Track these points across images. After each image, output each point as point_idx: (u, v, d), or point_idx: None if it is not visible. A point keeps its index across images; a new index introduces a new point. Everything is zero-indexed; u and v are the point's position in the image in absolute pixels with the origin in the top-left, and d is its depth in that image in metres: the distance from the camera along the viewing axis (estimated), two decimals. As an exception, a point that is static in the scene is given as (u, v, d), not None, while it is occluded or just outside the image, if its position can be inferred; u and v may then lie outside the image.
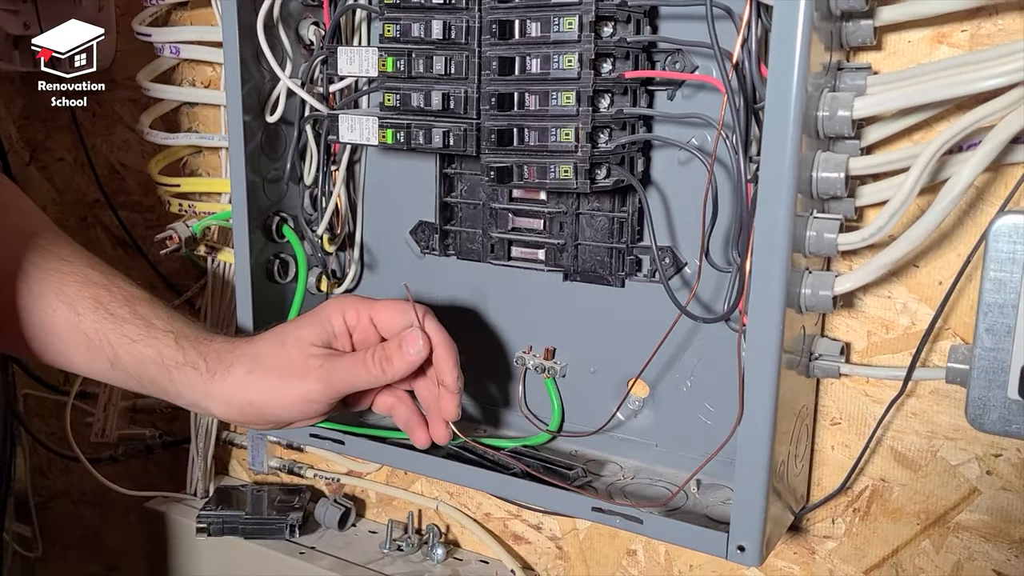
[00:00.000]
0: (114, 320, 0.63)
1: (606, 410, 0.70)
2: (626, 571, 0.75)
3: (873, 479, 0.63)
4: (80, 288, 0.64)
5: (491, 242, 0.72)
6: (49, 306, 0.63)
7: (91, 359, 0.63)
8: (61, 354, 0.64)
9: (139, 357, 0.63)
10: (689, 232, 0.65)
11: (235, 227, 0.75)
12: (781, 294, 0.53)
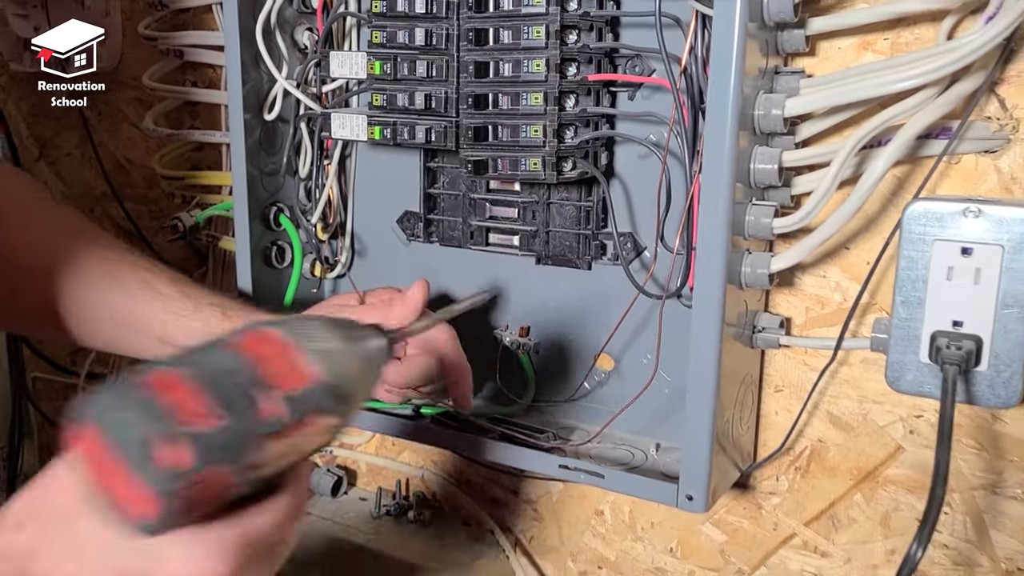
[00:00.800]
0: (163, 299, 0.70)
1: (575, 381, 0.77)
2: (595, 529, 0.82)
3: (812, 440, 0.71)
4: (131, 272, 0.71)
5: (471, 229, 0.79)
6: (106, 290, 0.69)
7: (141, 338, 0.70)
8: (110, 335, 0.71)
9: (188, 330, 0.69)
10: (648, 219, 0.72)
11: (236, 216, 0.82)
12: (722, 272, 0.60)
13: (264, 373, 0.44)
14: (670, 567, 0.79)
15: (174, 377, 0.43)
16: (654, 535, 0.79)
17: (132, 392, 0.42)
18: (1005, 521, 0.65)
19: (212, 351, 0.45)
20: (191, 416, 0.42)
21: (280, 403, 0.44)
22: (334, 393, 0.46)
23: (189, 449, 0.41)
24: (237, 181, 0.81)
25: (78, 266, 0.69)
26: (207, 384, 0.43)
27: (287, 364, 0.45)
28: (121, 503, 0.42)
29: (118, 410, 0.42)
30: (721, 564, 0.77)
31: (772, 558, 0.74)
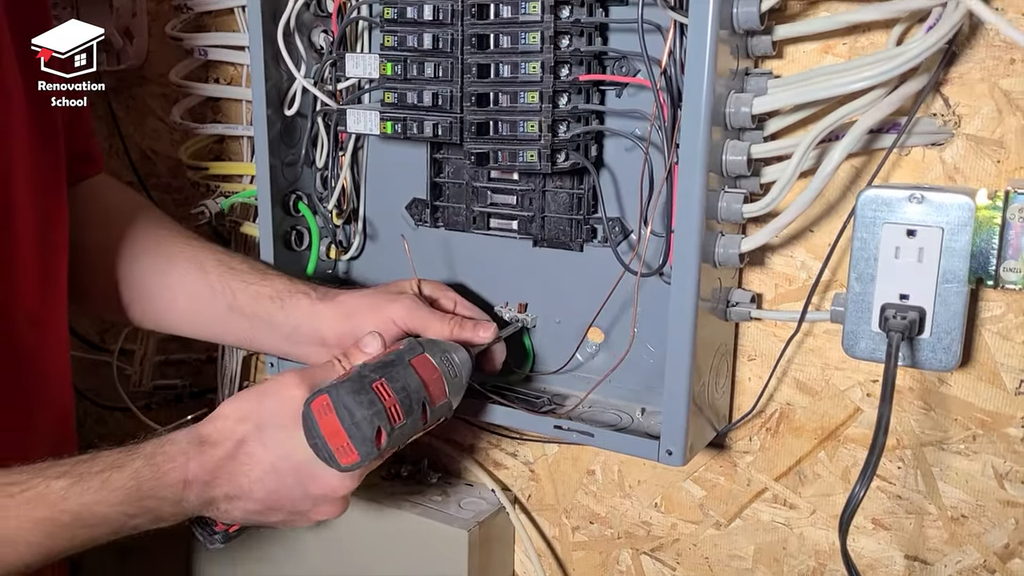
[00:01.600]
0: (235, 272, 0.82)
1: (569, 353, 0.85)
2: (587, 488, 0.91)
3: (781, 404, 0.79)
4: (207, 253, 0.83)
5: (473, 215, 0.87)
6: (187, 270, 0.82)
7: (209, 308, 0.80)
8: (182, 310, 0.82)
9: (256, 295, 0.80)
10: (634, 205, 0.80)
11: (260, 203, 0.89)
12: (696, 251, 0.68)
13: (428, 393, 0.70)
14: (655, 520, 0.87)
15: (387, 388, 0.67)
16: (640, 492, 0.88)
17: (365, 390, 0.66)
18: (951, 473, 0.73)
19: (404, 370, 0.69)
20: (393, 416, 0.67)
21: (430, 413, 0.70)
22: (451, 408, 0.74)
23: (386, 437, 0.66)
24: (260, 171, 0.89)
25: (160, 249, 0.83)
26: (401, 397, 0.68)
27: (438, 388, 0.71)
28: (335, 450, 0.66)
29: (353, 397, 0.66)
30: (700, 517, 0.85)
31: (746, 511, 0.82)
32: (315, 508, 0.71)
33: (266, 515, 0.71)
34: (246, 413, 0.69)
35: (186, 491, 0.67)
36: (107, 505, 0.64)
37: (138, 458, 0.67)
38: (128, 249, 0.83)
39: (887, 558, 0.76)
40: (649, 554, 0.88)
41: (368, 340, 0.74)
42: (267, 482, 0.69)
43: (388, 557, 0.93)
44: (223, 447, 0.68)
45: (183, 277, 0.82)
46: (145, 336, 1.12)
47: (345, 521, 0.93)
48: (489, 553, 0.91)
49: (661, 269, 0.74)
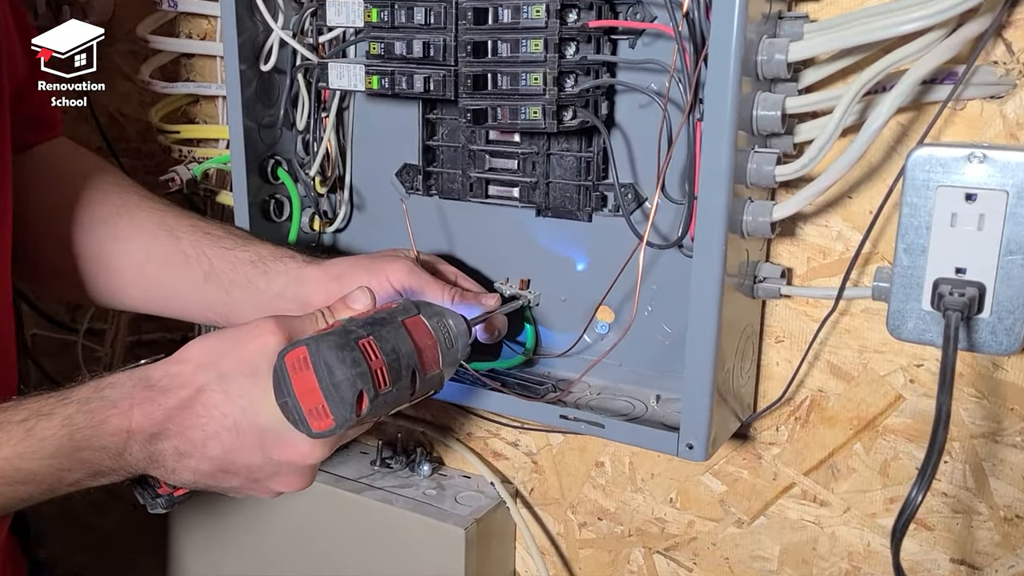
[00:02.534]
0: (211, 237, 0.73)
1: (576, 334, 0.77)
2: (594, 481, 0.83)
3: (812, 390, 0.71)
4: (178, 218, 0.75)
5: (470, 182, 0.78)
6: (151, 234, 0.73)
7: (182, 278, 0.72)
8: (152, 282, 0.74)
9: (235, 261, 0.72)
10: (648, 170, 0.72)
11: (234, 169, 0.81)
12: (723, 220, 0.60)
13: (419, 360, 0.60)
14: (669, 517, 0.80)
15: (375, 347, 0.57)
16: (654, 486, 0.80)
17: (349, 347, 0.56)
18: (1005, 469, 0.65)
19: (396, 330, 0.59)
20: (379, 380, 0.57)
21: (419, 382, 0.60)
22: (443, 381, 0.64)
23: (368, 404, 0.56)
24: (234, 133, 0.80)
25: (129, 215, 0.75)
26: (389, 359, 0.57)
27: (432, 356, 0.61)
28: (307, 412, 0.56)
29: (335, 353, 0.55)
30: (720, 514, 0.77)
31: (771, 507, 0.75)
32: (275, 477, 0.61)
33: (218, 479, 0.61)
34: (210, 359, 0.59)
35: (128, 442, 0.58)
36: (34, 459, 0.55)
37: (70, 403, 0.57)
38: (85, 214, 0.74)
39: (930, 561, 0.69)
40: (663, 553, 0.81)
41: (357, 295, 0.66)
42: (224, 439, 0.59)
43: (377, 556, 0.86)
44: (176, 395, 0.58)
45: (151, 243, 0.73)
46: (116, 315, 1.04)
47: (330, 517, 0.86)
48: (488, 552, 0.84)
49: (681, 240, 0.66)
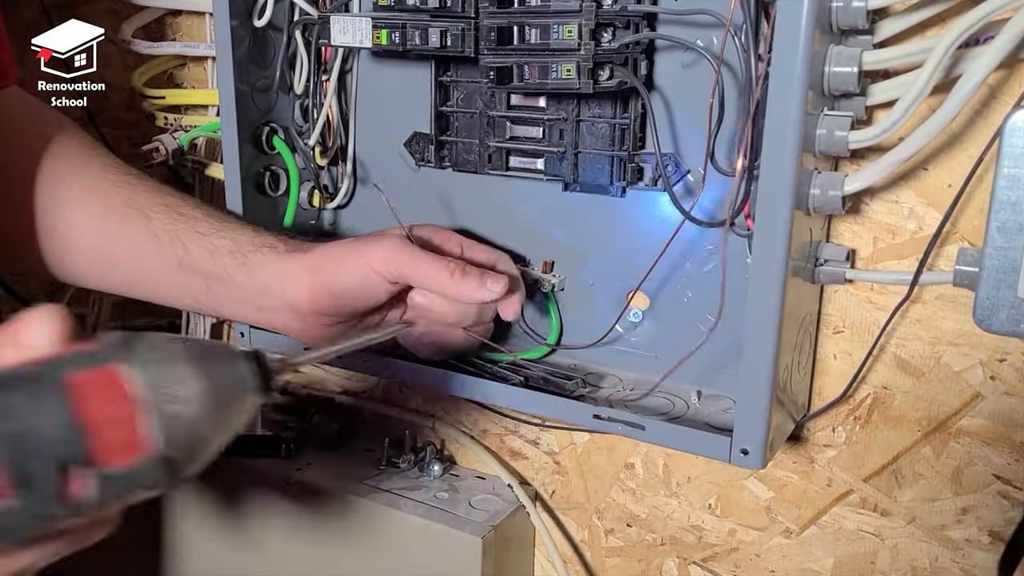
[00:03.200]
0: (186, 220, 0.64)
1: (605, 323, 0.69)
2: (624, 484, 0.75)
3: (875, 387, 0.63)
4: (150, 196, 0.65)
5: (488, 152, 0.70)
6: (124, 216, 0.64)
7: (155, 264, 0.63)
8: (125, 267, 0.65)
9: (211, 248, 0.63)
10: (692, 138, 0.64)
11: (224, 137, 0.73)
12: (790, 195, 0.52)
13: (90, 446, 0.35)
14: (708, 525, 0.72)
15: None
16: (691, 490, 0.72)
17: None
18: (1097, 478, 0.58)
19: (36, 400, 0.35)
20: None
21: (93, 483, 0.36)
22: (167, 468, 0.37)
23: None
24: (224, 97, 0.72)
25: (97, 192, 0.65)
26: (12, 453, 0.34)
27: (123, 434, 0.36)
28: None
29: None
30: (766, 522, 0.70)
31: (825, 516, 0.67)
32: None
33: None
34: None
35: None
36: None
37: None
38: (41, 181, 0.65)
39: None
40: (700, 564, 0.73)
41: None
42: None
43: (384, 566, 0.78)
44: None
45: (118, 222, 0.64)
46: (98, 299, 0.95)
47: (332, 522, 0.78)
48: (506, 561, 0.76)
49: (734, 218, 0.58)
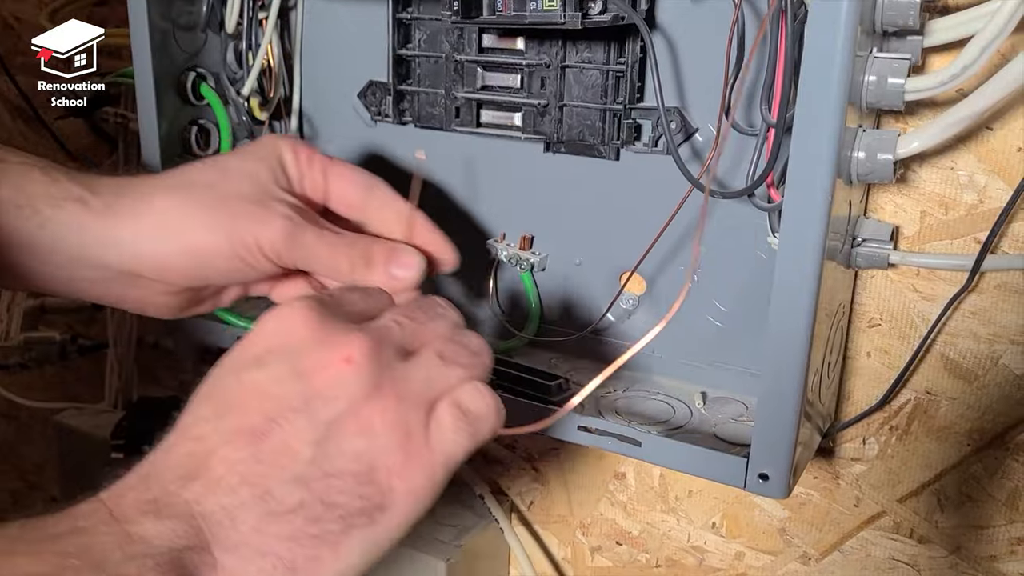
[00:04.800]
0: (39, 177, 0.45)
1: (594, 310, 0.59)
2: (613, 496, 0.65)
3: (917, 392, 0.53)
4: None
5: (456, 104, 0.58)
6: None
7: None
8: None
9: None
10: (701, 91, 0.52)
11: (138, 83, 0.61)
12: (832, 159, 0.40)
13: None
14: (711, 546, 0.62)
15: None
16: (692, 506, 0.62)
17: None
18: None
19: None
20: None
21: None
22: None
23: None
24: (137, 35, 0.59)
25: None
26: None
27: None
28: None
29: None
30: (780, 546, 0.59)
31: (850, 541, 0.57)
32: None
33: None
34: None
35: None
36: None
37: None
38: None
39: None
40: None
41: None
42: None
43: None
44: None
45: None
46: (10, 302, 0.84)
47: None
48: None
49: (755, 187, 0.47)
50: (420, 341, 0.39)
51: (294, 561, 0.33)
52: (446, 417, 0.37)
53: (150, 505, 0.33)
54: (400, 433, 0.35)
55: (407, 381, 0.36)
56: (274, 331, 0.37)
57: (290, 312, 0.37)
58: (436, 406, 0.37)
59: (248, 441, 0.34)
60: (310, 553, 0.33)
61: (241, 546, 0.33)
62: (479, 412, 0.38)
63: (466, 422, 0.37)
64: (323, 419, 0.34)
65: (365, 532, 0.34)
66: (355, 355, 0.35)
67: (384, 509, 0.35)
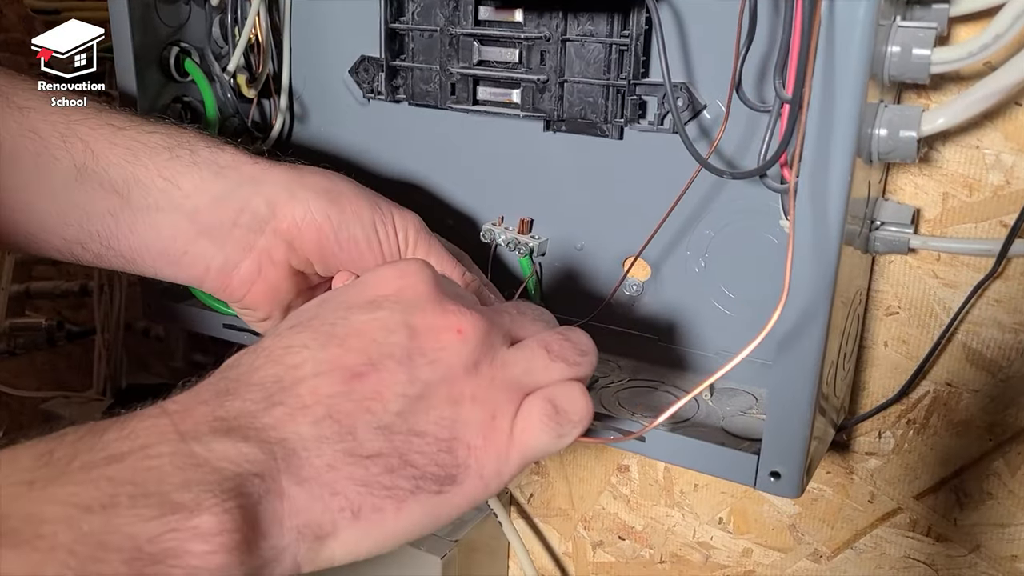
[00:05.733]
0: (82, 110, 0.46)
1: (596, 296, 0.56)
2: (616, 490, 0.62)
3: (936, 383, 0.50)
4: (14, 81, 0.46)
5: (451, 81, 0.56)
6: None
7: (42, 172, 0.45)
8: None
9: (134, 145, 0.45)
10: (709, 65, 0.49)
11: (117, 59, 0.58)
12: (852, 136, 0.38)
13: None
14: (718, 542, 0.60)
15: None
16: (698, 500, 0.59)
17: None
18: None
19: None
20: None
21: None
22: None
23: None
24: (117, 8, 0.57)
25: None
26: None
27: None
28: None
29: None
30: (790, 543, 0.57)
31: (864, 538, 0.55)
32: None
33: None
34: None
35: None
36: None
37: None
38: None
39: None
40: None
41: None
42: None
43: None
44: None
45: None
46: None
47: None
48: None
49: (767, 167, 0.44)
50: (528, 332, 0.39)
51: (360, 508, 0.32)
52: (535, 411, 0.36)
53: (221, 423, 0.31)
54: (486, 414, 0.35)
55: (506, 366, 0.36)
56: (394, 280, 0.37)
57: (415, 268, 0.37)
58: (529, 397, 0.36)
59: (344, 378, 0.33)
60: (377, 503, 0.32)
61: (312, 481, 0.31)
62: (570, 414, 0.36)
63: (555, 421, 0.36)
64: (421, 378, 0.34)
65: (431, 500, 0.33)
66: (467, 329, 0.35)
67: (454, 482, 0.34)
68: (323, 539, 0.31)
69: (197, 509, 0.28)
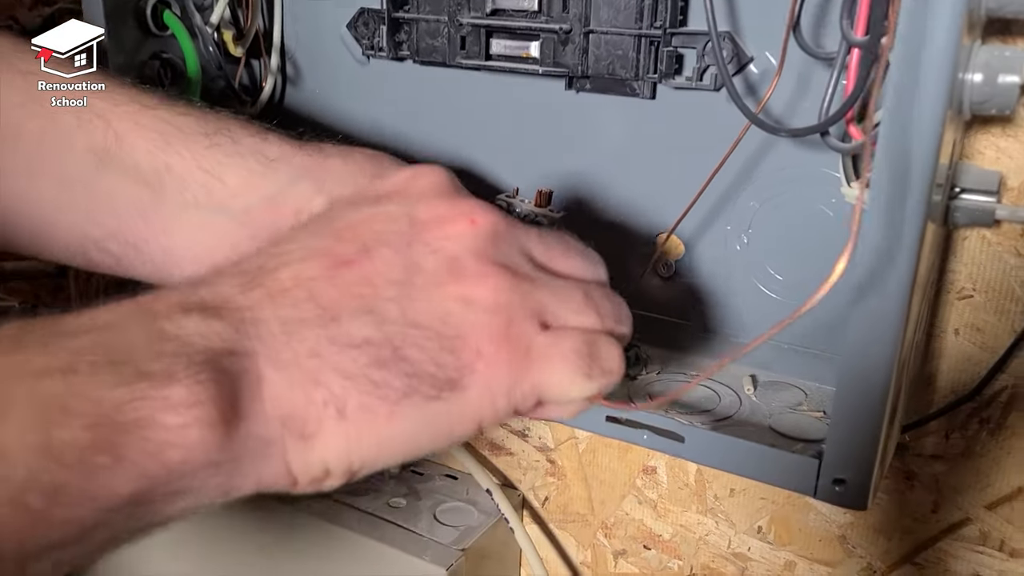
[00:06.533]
0: (108, 91, 0.41)
1: (624, 276, 0.50)
2: (641, 494, 0.56)
3: (1016, 378, 0.44)
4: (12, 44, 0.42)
5: (461, 33, 0.49)
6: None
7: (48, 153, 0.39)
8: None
9: (164, 129, 0.39)
10: (755, 14, 0.43)
11: (87, 8, 0.52)
12: (946, 81, 0.31)
13: None
14: (756, 554, 0.53)
15: None
16: (734, 507, 0.53)
17: None
18: None
19: None
20: None
21: None
22: None
23: None
24: (85, -50, 0.51)
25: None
26: None
27: None
28: None
29: None
30: (840, 556, 0.51)
31: (926, 552, 0.48)
32: None
33: None
34: None
35: None
36: None
37: None
38: None
39: None
40: (742, 603, 0.55)
41: None
42: None
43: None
44: None
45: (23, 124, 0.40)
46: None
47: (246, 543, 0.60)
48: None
49: (831, 122, 0.37)
50: (568, 267, 0.34)
51: (346, 403, 0.28)
52: (567, 341, 0.31)
53: (195, 304, 0.28)
54: (503, 320, 0.30)
55: (533, 282, 0.31)
56: (405, 179, 0.34)
57: (430, 167, 0.34)
58: (559, 329, 0.31)
59: (329, 264, 0.30)
60: (364, 401, 0.28)
61: (292, 366, 0.28)
62: (604, 361, 0.31)
63: (586, 361, 0.31)
64: (422, 265, 0.30)
65: (428, 406, 0.29)
66: (481, 220, 0.31)
67: (455, 388, 0.29)
68: (309, 439, 0.28)
69: (168, 379, 0.25)
